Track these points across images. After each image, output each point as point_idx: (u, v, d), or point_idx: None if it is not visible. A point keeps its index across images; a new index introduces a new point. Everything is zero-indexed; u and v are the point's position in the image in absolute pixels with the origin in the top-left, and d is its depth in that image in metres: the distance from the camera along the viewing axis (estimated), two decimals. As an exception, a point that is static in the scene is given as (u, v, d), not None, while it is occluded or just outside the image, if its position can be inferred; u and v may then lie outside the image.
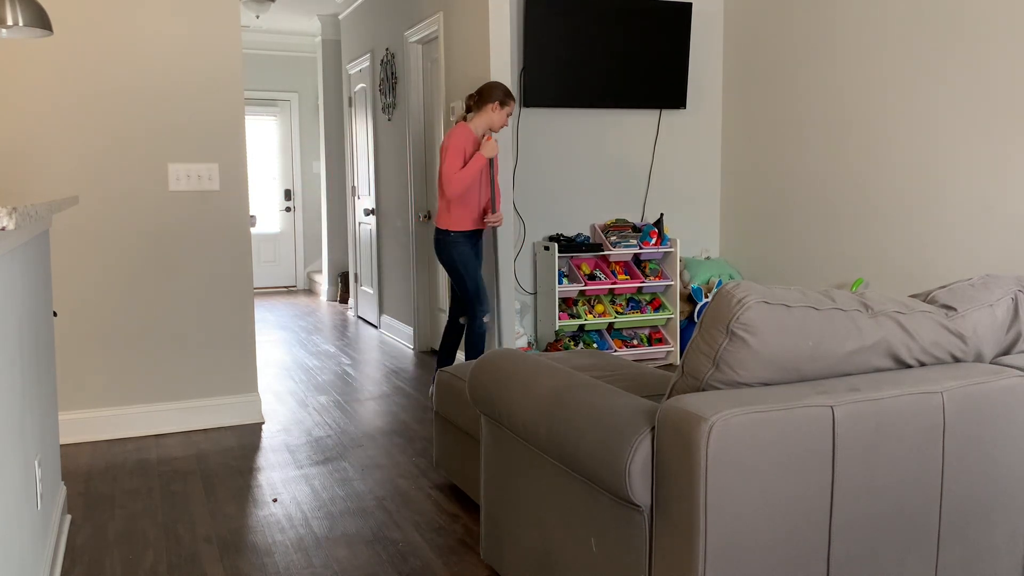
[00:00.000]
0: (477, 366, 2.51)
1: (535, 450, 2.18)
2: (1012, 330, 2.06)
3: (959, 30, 4.14)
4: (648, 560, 1.78)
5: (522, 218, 5.40)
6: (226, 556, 2.76)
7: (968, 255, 4.17)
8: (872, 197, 4.67)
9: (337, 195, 8.74)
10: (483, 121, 4.33)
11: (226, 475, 3.53)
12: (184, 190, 4.08)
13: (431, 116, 5.91)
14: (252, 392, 4.30)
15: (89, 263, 3.96)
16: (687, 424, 1.63)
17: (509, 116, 4.38)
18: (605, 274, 5.40)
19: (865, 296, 1.91)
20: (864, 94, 4.68)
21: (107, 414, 4.03)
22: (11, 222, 1.51)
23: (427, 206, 6.07)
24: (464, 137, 4.24)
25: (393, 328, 6.70)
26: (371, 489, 3.34)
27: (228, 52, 4.11)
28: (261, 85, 9.55)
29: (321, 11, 8.32)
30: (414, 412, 4.45)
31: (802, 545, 1.71)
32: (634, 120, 5.64)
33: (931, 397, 1.80)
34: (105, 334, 4.01)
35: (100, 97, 3.93)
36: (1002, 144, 3.99)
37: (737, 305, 1.72)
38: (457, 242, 4.31)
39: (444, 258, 4.36)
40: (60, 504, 2.85)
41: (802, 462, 1.68)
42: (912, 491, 1.82)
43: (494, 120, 4.33)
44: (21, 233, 2.04)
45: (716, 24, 5.79)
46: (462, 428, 3.04)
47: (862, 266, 4.77)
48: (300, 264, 9.99)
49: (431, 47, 5.81)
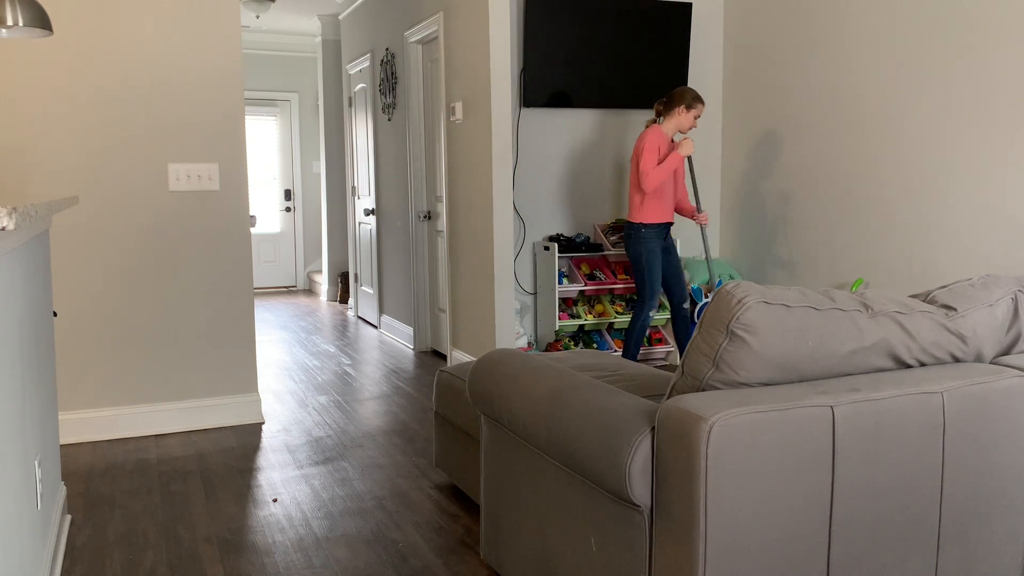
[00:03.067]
0: (477, 366, 2.51)
1: (535, 450, 2.18)
2: (1012, 330, 2.06)
3: (959, 30, 4.14)
4: (648, 560, 1.78)
5: (522, 218, 5.40)
6: (226, 556, 2.76)
7: (968, 255, 4.17)
8: (872, 197, 4.67)
9: (337, 195, 8.74)
10: (672, 124, 4.68)
11: (226, 475, 3.53)
12: (184, 190, 4.08)
13: (431, 116, 5.91)
14: (252, 392, 4.30)
15: (89, 263, 3.96)
16: (687, 424, 1.63)
17: (697, 118, 4.68)
18: (605, 274, 5.40)
19: (865, 296, 1.91)
20: (864, 94, 4.68)
21: (107, 414, 4.03)
22: (11, 222, 1.51)
23: (427, 206, 6.07)
24: (658, 136, 4.61)
25: (393, 328, 6.70)
26: (371, 489, 3.34)
27: (228, 52, 4.11)
28: (261, 85, 9.55)
29: (321, 11, 8.32)
30: (414, 412, 4.45)
31: (802, 545, 1.71)
32: (634, 120, 5.64)
33: (931, 397, 1.80)
34: (105, 334, 4.01)
35: (100, 97, 3.93)
36: (1002, 144, 3.99)
37: (737, 305, 1.72)
38: (647, 237, 4.64)
39: (631, 252, 4.70)
40: (60, 504, 2.85)
41: (802, 462, 1.68)
42: (912, 491, 1.82)
43: (682, 122, 4.66)
44: (21, 233, 2.04)
45: (716, 24, 5.79)
46: (462, 428, 3.04)
47: (862, 266, 4.77)
48: (300, 264, 9.99)
49: (431, 47, 5.81)
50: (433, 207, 5.95)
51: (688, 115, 4.64)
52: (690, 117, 4.64)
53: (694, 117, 4.66)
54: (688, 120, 4.65)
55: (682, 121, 4.65)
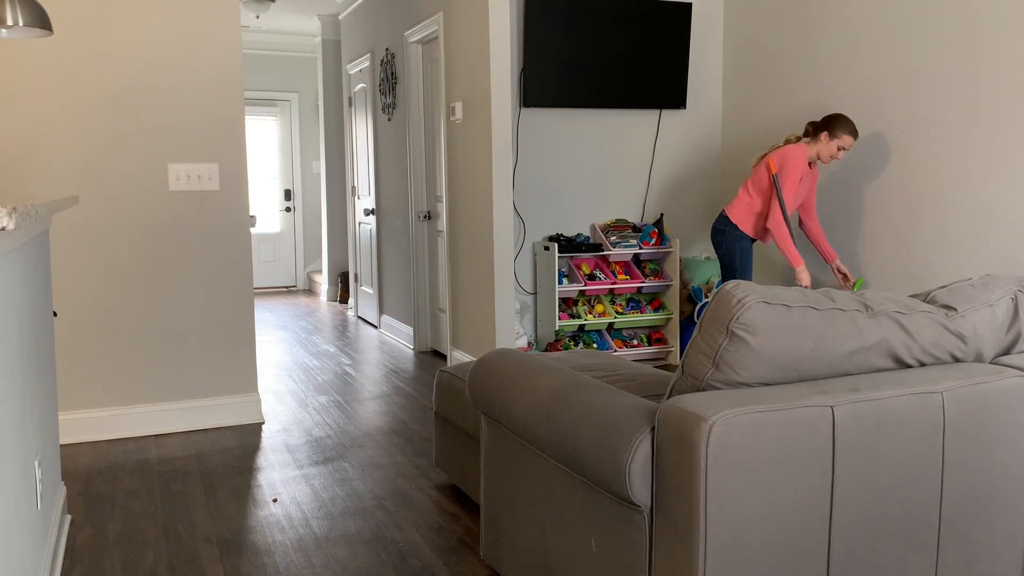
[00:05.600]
0: (477, 366, 2.51)
1: (535, 450, 2.18)
2: (1012, 330, 2.06)
3: (959, 30, 4.14)
4: (648, 560, 1.78)
5: (522, 218, 5.40)
6: (226, 556, 2.76)
7: (968, 255, 4.17)
8: (872, 197, 4.67)
9: (337, 195, 8.74)
10: (815, 148, 4.38)
11: (226, 475, 3.53)
12: (184, 190, 4.08)
13: (431, 116, 5.91)
14: (252, 392, 4.30)
15: (89, 263, 3.96)
16: (687, 424, 1.63)
17: (842, 150, 4.32)
18: (605, 274, 5.40)
19: (865, 296, 1.91)
20: (863, 94, 4.68)
21: (107, 414, 4.03)
22: (11, 222, 1.51)
23: (427, 206, 6.07)
24: (802, 156, 4.33)
25: (393, 328, 6.70)
26: (371, 489, 3.34)
27: (228, 52, 4.12)
28: (261, 85, 9.55)
29: (321, 11, 8.32)
30: (414, 412, 4.45)
31: (802, 545, 1.71)
32: (634, 120, 5.64)
33: (931, 397, 1.80)
34: (105, 334, 4.01)
35: (100, 97, 3.93)
36: (1002, 144, 3.99)
37: (737, 305, 1.72)
38: (742, 236, 4.46)
39: (723, 249, 4.49)
40: (60, 504, 2.85)
41: (802, 462, 1.68)
42: (912, 491, 1.82)
43: (823, 150, 4.34)
44: (21, 233, 2.04)
45: (716, 24, 5.79)
46: (462, 428, 3.04)
47: (862, 266, 4.77)
48: (300, 264, 9.99)
49: (431, 47, 5.81)
50: (433, 207, 5.95)
51: (831, 144, 4.30)
52: (832, 147, 4.30)
53: (837, 148, 4.29)
54: (830, 149, 4.30)
55: (823, 149, 4.32)
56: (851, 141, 4.30)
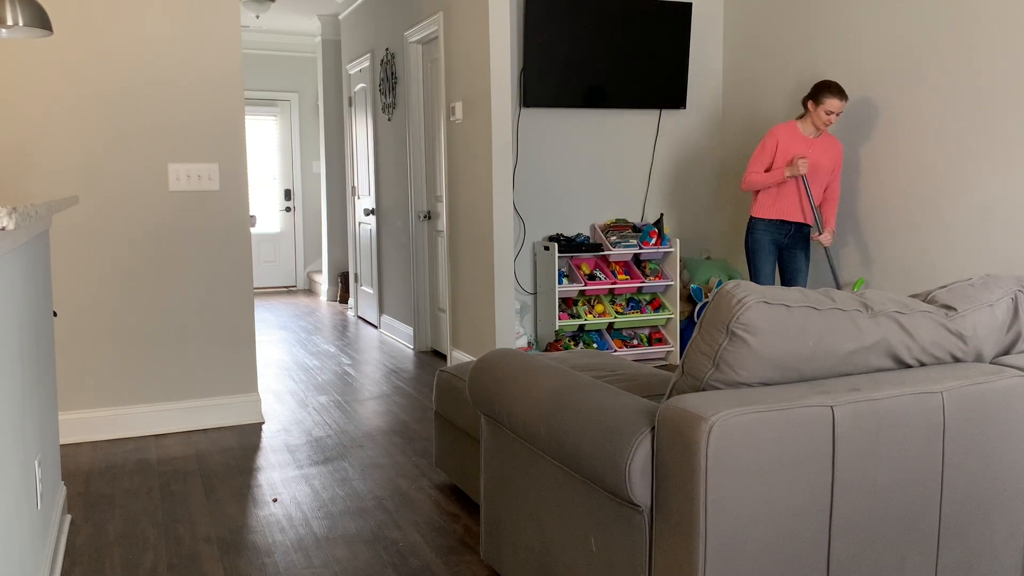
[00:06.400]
0: (477, 366, 2.51)
1: (535, 450, 2.18)
2: (1012, 330, 2.06)
3: (959, 30, 4.14)
4: (648, 560, 1.78)
5: (522, 218, 5.40)
6: (226, 556, 2.76)
7: (968, 255, 4.17)
8: (872, 197, 4.67)
9: (337, 195, 8.74)
10: (808, 121, 4.34)
11: (226, 475, 3.53)
12: (184, 190, 4.08)
13: (431, 116, 5.91)
14: (252, 392, 4.30)
15: (89, 263, 3.96)
16: (687, 424, 1.63)
17: (831, 115, 4.22)
18: (605, 274, 5.40)
19: (865, 296, 1.91)
20: (864, 94, 4.68)
21: (107, 414, 4.03)
22: (11, 222, 1.51)
23: (427, 206, 6.07)
24: (780, 132, 4.34)
25: (393, 328, 6.70)
26: (371, 489, 3.34)
27: (228, 52, 4.12)
28: (261, 85, 9.55)
29: (321, 11, 8.32)
30: (414, 412, 4.45)
31: (802, 545, 1.71)
32: (634, 120, 5.64)
33: (931, 397, 1.80)
34: (105, 334, 4.01)
35: (100, 97, 3.93)
36: (1002, 144, 3.99)
37: (737, 305, 1.72)
38: (756, 229, 4.49)
39: (745, 244, 4.57)
40: (60, 504, 2.85)
41: (802, 462, 1.68)
42: (912, 491, 1.82)
43: (815, 119, 4.28)
44: (21, 233, 2.04)
45: (716, 24, 5.79)
46: (462, 428, 3.04)
47: (863, 266, 4.77)
48: (300, 264, 9.99)
49: (431, 47, 5.81)
50: (433, 207, 5.95)
51: (818, 111, 4.22)
52: (820, 113, 4.22)
53: (825, 112, 4.22)
54: (819, 116, 4.23)
55: (814, 118, 4.26)
56: (837, 103, 4.23)
